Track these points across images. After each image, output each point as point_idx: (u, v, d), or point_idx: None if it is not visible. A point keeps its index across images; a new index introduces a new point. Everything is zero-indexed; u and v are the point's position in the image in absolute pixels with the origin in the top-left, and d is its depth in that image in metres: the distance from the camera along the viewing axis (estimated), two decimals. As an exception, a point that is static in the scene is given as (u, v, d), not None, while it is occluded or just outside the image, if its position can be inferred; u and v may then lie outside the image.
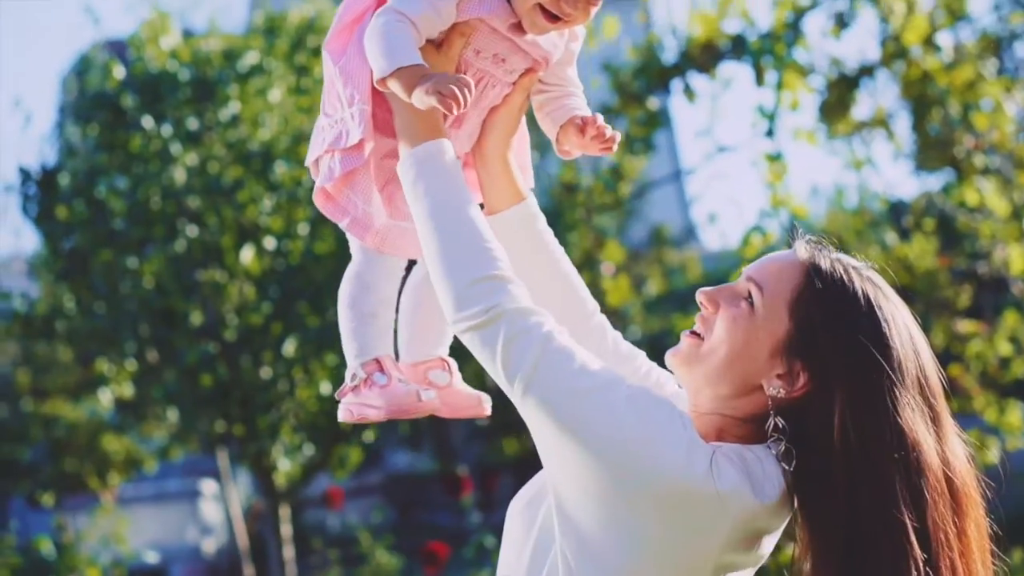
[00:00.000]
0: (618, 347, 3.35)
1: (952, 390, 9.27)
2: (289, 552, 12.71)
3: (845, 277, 2.91)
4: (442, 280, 2.92)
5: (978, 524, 2.92)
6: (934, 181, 11.56)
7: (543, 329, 2.84)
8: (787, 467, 2.84)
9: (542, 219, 3.35)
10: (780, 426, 2.87)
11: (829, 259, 2.95)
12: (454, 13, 3.12)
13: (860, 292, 2.89)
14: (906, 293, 3.07)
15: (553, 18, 3.13)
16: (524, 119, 3.40)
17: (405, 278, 3.43)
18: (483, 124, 3.31)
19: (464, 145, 3.30)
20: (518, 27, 3.18)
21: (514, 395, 2.84)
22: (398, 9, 3.07)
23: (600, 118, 3.24)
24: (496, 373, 2.86)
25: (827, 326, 2.87)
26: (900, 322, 2.89)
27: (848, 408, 2.82)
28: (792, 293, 2.92)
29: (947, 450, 2.88)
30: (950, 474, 2.86)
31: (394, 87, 2.99)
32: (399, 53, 3.00)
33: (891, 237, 10.20)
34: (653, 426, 2.77)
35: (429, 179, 3.00)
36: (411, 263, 3.38)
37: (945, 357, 9.63)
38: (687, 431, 2.81)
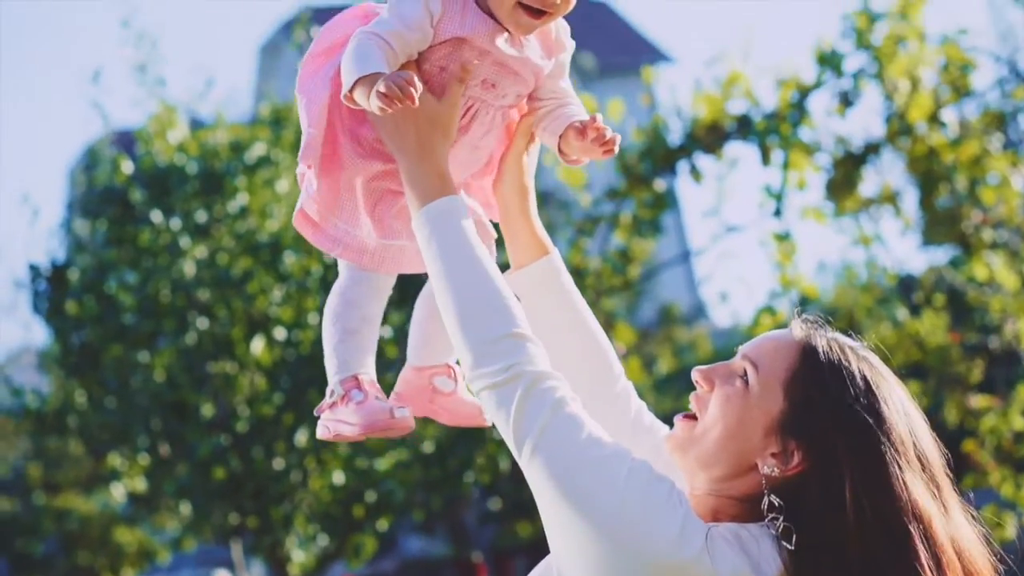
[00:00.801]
0: (641, 418, 3.33)
1: (967, 466, 9.23)
2: (305, 643, 12.65)
3: (841, 356, 2.90)
4: (461, 338, 2.91)
5: None
6: (942, 255, 11.55)
7: (556, 394, 2.82)
8: (788, 545, 2.82)
9: (566, 274, 3.33)
10: (776, 504, 2.85)
11: (825, 338, 2.94)
12: (430, 31, 3.11)
13: (856, 371, 2.88)
14: (918, 369, 3.07)
15: (536, 13, 3.11)
16: None
17: (406, 292, 3.44)
18: (495, 178, 3.32)
19: (455, 174, 3.25)
20: (503, 37, 3.16)
21: (521, 458, 2.82)
22: (368, 30, 3.08)
23: (599, 118, 3.19)
24: (507, 434, 2.84)
25: (822, 404, 2.86)
26: (896, 399, 2.88)
27: (853, 483, 2.79)
28: (787, 372, 2.91)
29: (953, 524, 2.87)
30: (959, 549, 2.85)
31: (358, 98, 2.99)
32: (360, 65, 2.99)
33: (902, 313, 10.18)
34: (650, 502, 2.75)
35: (442, 237, 2.98)
36: (417, 277, 3.36)
37: (959, 432, 9.60)
38: (683, 507, 2.79)
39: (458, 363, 3.40)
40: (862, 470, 2.80)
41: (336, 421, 3.26)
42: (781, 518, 2.84)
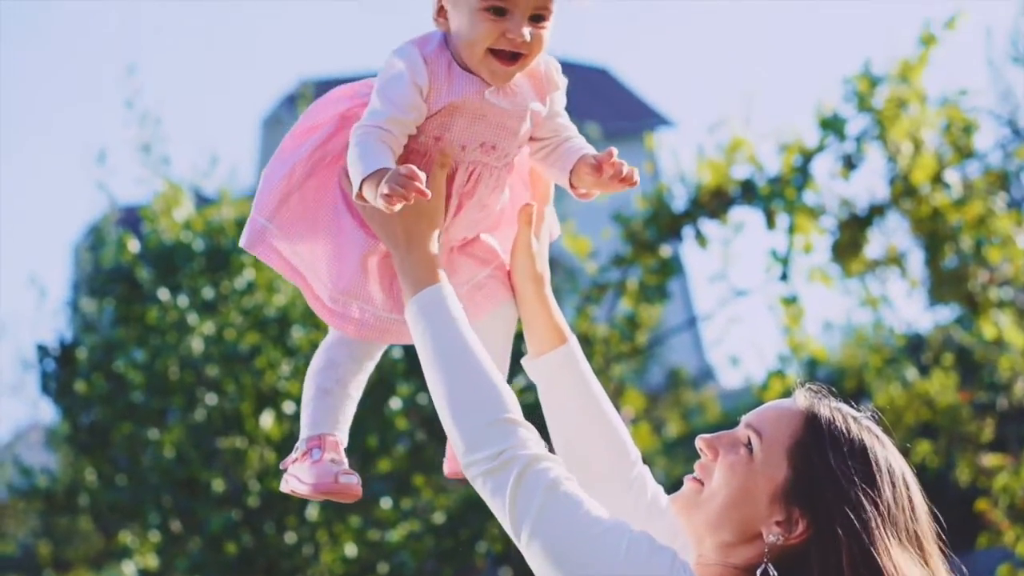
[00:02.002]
0: (657, 500, 3.35)
1: (981, 525, 9.22)
2: None
3: (844, 425, 2.94)
4: (452, 425, 2.95)
5: None
6: (949, 314, 11.57)
7: (550, 475, 2.85)
8: None
9: (585, 362, 3.35)
10: (770, 574, 2.88)
11: (828, 407, 2.99)
12: (424, 107, 3.13)
13: (858, 439, 2.92)
14: (929, 429, 3.12)
15: (509, 58, 3.12)
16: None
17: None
18: (510, 267, 3.33)
19: (464, 231, 3.30)
20: (492, 90, 3.17)
21: (520, 542, 2.84)
22: (366, 124, 3.10)
23: (615, 152, 3.18)
24: (504, 519, 2.87)
25: (824, 473, 2.89)
26: (897, 471, 2.93)
27: (850, 555, 2.82)
28: (791, 440, 2.94)
29: None
30: None
31: (367, 197, 3.01)
32: (365, 163, 3.02)
33: (911, 373, 10.20)
34: (652, 573, 2.77)
35: (433, 326, 3.02)
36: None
37: (972, 492, 9.60)
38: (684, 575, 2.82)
39: None
40: (858, 541, 2.83)
41: (294, 476, 3.29)
42: None
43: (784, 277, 9.22)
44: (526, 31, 3.09)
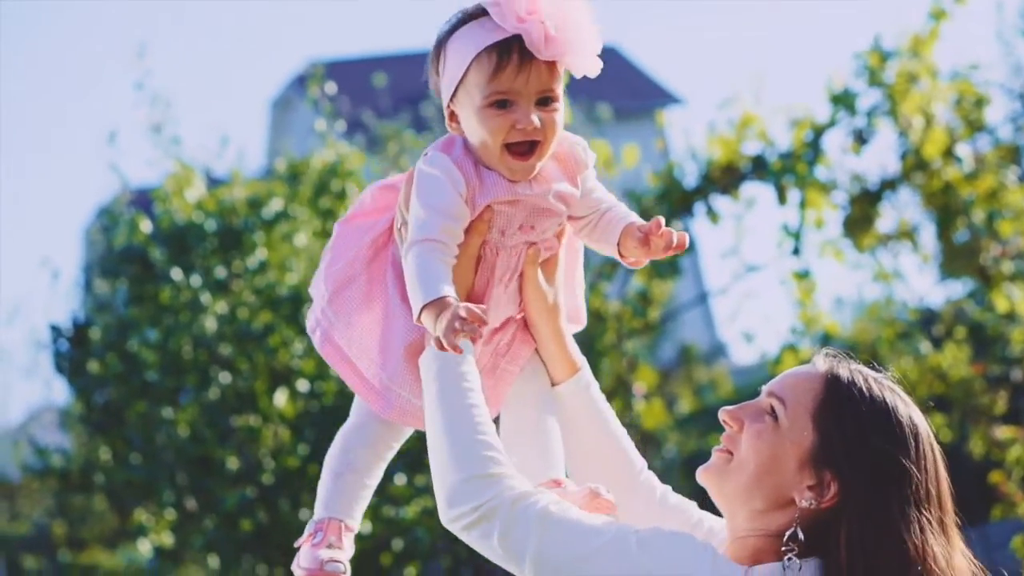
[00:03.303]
0: (667, 500, 3.37)
1: (994, 497, 9.21)
2: None
3: (865, 385, 2.96)
4: (436, 478, 2.99)
5: None
6: (961, 288, 11.57)
7: (537, 507, 2.88)
8: None
9: (595, 385, 3.39)
10: (799, 537, 2.89)
11: (848, 369, 3.01)
12: (468, 211, 3.14)
13: (880, 398, 2.94)
14: (942, 402, 3.13)
15: (525, 152, 3.13)
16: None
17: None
18: (522, 306, 3.33)
19: (510, 308, 3.31)
20: (521, 184, 3.17)
21: (526, 574, 2.88)
22: (421, 238, 3.10)
23: (662, 221, 3.19)
24: (503, 562, 2.91)
25: (851, 433, 2.91)
26: (922, 429, 2.96)
27: (875, 514, 2.85)
28: (814, 403, 2.96)
29: (952, 561, 2.92)
30: None
31: (426, 323, 3.03)
32: (423, 289, 3.04)
33: (924, 347, 10.20)
34: (670, 558, 2.81)
35: (445, 381, 3.05)
36: None
37: (985, 464, 9.60)
38: (707, 551, 2.84)
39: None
40: (888, 500, 2.86)
41: (300, 555, 3.38)
42: (797, 551, 2.88)
43: (796, 252, 9.23)
44: (535, 117, 3.09)
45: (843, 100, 9.33)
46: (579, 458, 3.36)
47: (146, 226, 11.92)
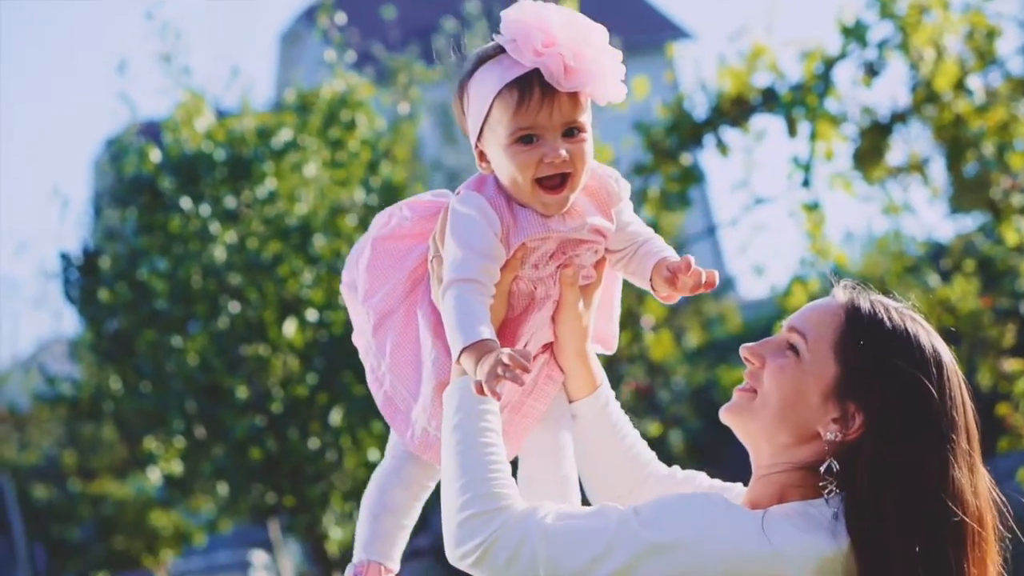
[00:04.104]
0: (674, 476, 3.35)
1: (1001, 429, 9.22)
2: (345, 621, 12.72)
3: (886, 315, 2.94)
4: (444, 514, 2.97)
5: (995, 563, 2.97)
6: (970, 223, 11.56)
7: (538, 523, 2.86)
8: (842, 512, 2.86)
9: (613, 402, 3.35)
10: (834, 469, 2.89)
11: (868, 300, 2.99)
12: (503, 250, 3.11)
13: (901, 327, 2.93)
14: (950, 335, 3.12)
15: (556, 185, 3.09)
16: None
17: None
18: (554, 324, 3.30)
19: (545, 335, 3.29)
20: (554, 219, 3.13)
21: None
22: (459, 278, 3.07)
23: (692, 261, 3.14)
24: None
25: (874, 364, 2.90)
26: (943, 356, 2.94)
27: (896, 445, 2.85)
28: (835, 335, 2.95)
29: (978, 488, 2.92)
30: (981, 513, 2.91)
31: (466, 366, 3.00)
32: (462, 332, 3.01)
33: (933, 280, 10.19)
34: (685, 522, 2.81)
35: (464, 417, 3.02)
36: None
37: (993, 396, 9.61)
38: (721, 505, 2.85)
39: None
40: (913, 428, 2.86)
41: None
42: (835, 483, 2.88)
43: (806, 184, 9.21)
44: (562, 149, 3.05)
45: (854, 32, 9.28)
46: (590, 470, 3.35)
47: (155, 155, 11.93)
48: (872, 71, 9.31)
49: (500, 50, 3.10)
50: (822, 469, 2.90)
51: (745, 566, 2.77)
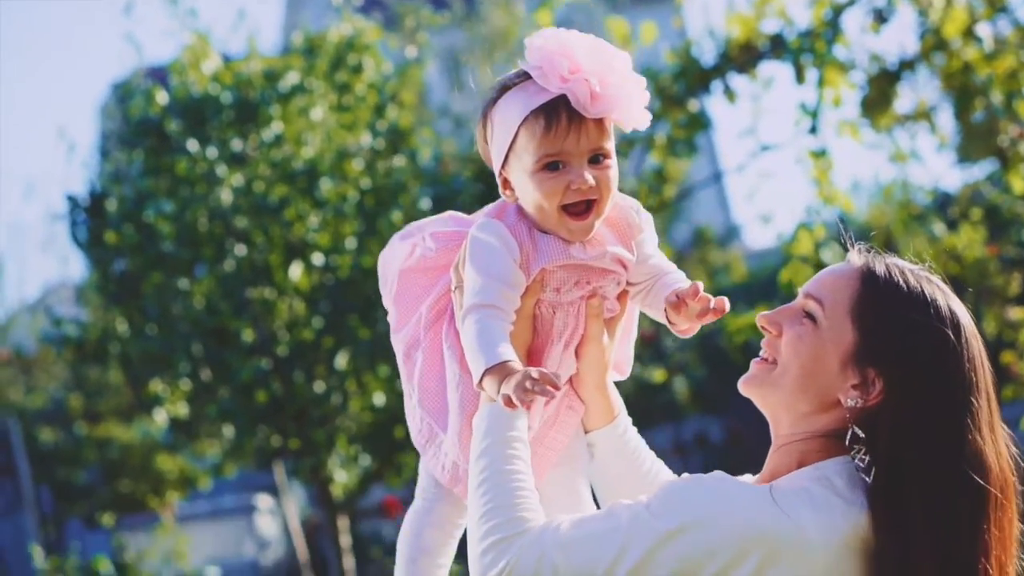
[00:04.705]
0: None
1: (1006, 377, 9.26)
2: (349, 562, 12.78)
3: (902, 279, 2.95)
4: (469, 531, 3.00)
5: (1015, 520, 2.97)
6: (978, 172, 11.54)
7: (551, 537, 2.87)
8: (866, 477, 2.86)
9: (631, 430, 3.36)
10: (860, 436, 2.90)
11: (884, 263, 3.00)
12: (523, 277, 3.13)
13: (918, 290, 2.93)
14: (956, 283, 3.10)
15: (582, 212, 3.10)
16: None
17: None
18: (576, 357, 3.30)
19: (570, 368, 3.29)
20: (575, 247, 3.14)
21: None
22: (478, 303, 3.09)
23: (700, 288, 3.15)
24: None
25: (891, 328, 2.90)
26: (961, 318, 2.94)
27: (917, 409, 2.86)
28: (852, 301, 2.96)
29: (999, 449, 2.93)
30: (1004, 475, 2.92)
31: (488, 388, 3.02)
32: (484, 354, 3.02)
33: (939, 228, 10.19)
34: (695, 502, 2.82)
35: (492, 441, 3.04)
36: None
37: (998, 344, 9.63)
38: (724, 480, 2.87)
39: None
40: (933, 391, 2.87)
41: None
42: (864, 449, 2.89)
43: (813, 130, 9.19)
44: (588, 176, 3.06)
45: (864, -22, 9.25)
46: (609, 496, 3.35)
47: (162, 98, 11.90)
48: (881, 18, 9.28)
49: (523, 77, 3.11)
50: (847, 439, 2.90)
51: (760, 538, 2.77)
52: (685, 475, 3.00)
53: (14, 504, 23.64)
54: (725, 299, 3.13)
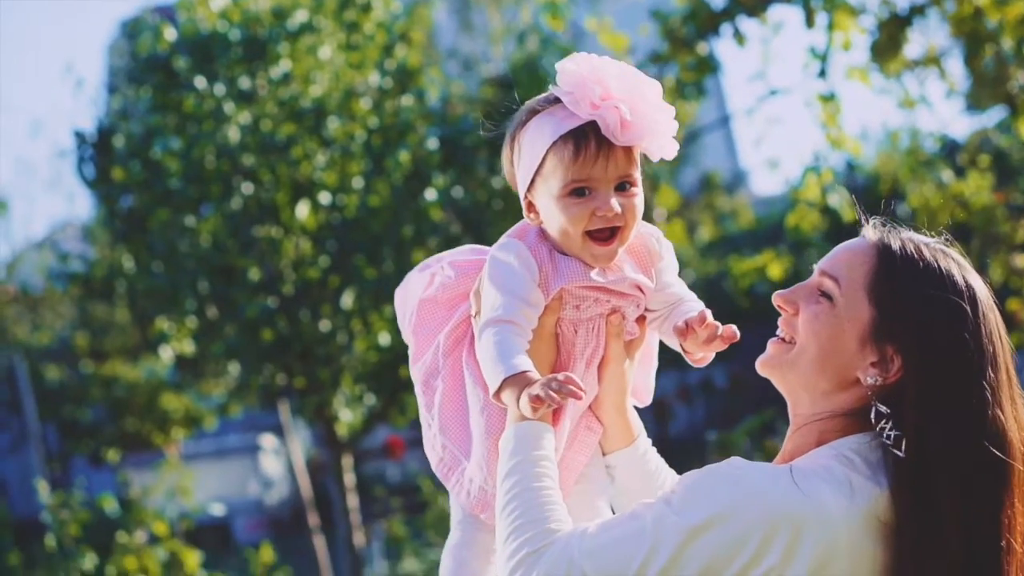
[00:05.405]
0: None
1: (1012, 324, 9.25)
2: (353, 500, 12.85)
3: (917, 253, 2.91)
4: (498, 543, 2.98)
5: None
6: (987, 119, 11.52)
7: (577, 546, 2.85)
8: (899, 453, 2.83)
9: (651, 451, 3.34)
10: (883, 412, 2.87)
11: (899, 238, 2.95)
12: (542, 296, 3.10)
13: (934, 264, 2.89)
14: (962, 230, 3.08)
15: (606, 238, 3.07)
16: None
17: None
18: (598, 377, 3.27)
19: (593, 389, 3.26)
20: (596, 271, 3.10)
21: None
22: (495, 318, 3.07)
23: (706, 315, 3.13)
24: None
25: (908, 304, 2.87)
26: (978, 291, 2.89)
27: (937, 384, 2.83)
28: (868, 277, 2.92)
29: (1021, 422, 2.90)
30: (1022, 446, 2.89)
31: (506, 399, 3.00)
32: (500, 365, 3.00)
33: (947, 175, 10.17)
34: (718, 493, 2.80)
35: (521, 459, 3.02)
36: None
37: (1004, 291, 9.64)
38: (742, 466, 2.84)
39: None
40: (952, 366, 2.83)
41: None
42: (890, 424, 2.86)
43: (822, 74, 9.17)
44: (615, 203, 3.02)
45: (876, -79, 9.22)
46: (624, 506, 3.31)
47: (170, 35, 11.88)
48: (892, -38, 9.25)
49: (552, 101, 3.08)
50: (872, 416, 2.87)
51: (784, 521, 2.75)
52: (704, 467, 2.98)
53: (20, 441, 23.77)
54: (734, 327, 3.11)
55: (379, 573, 14.22)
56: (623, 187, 3.05)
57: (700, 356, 3.19)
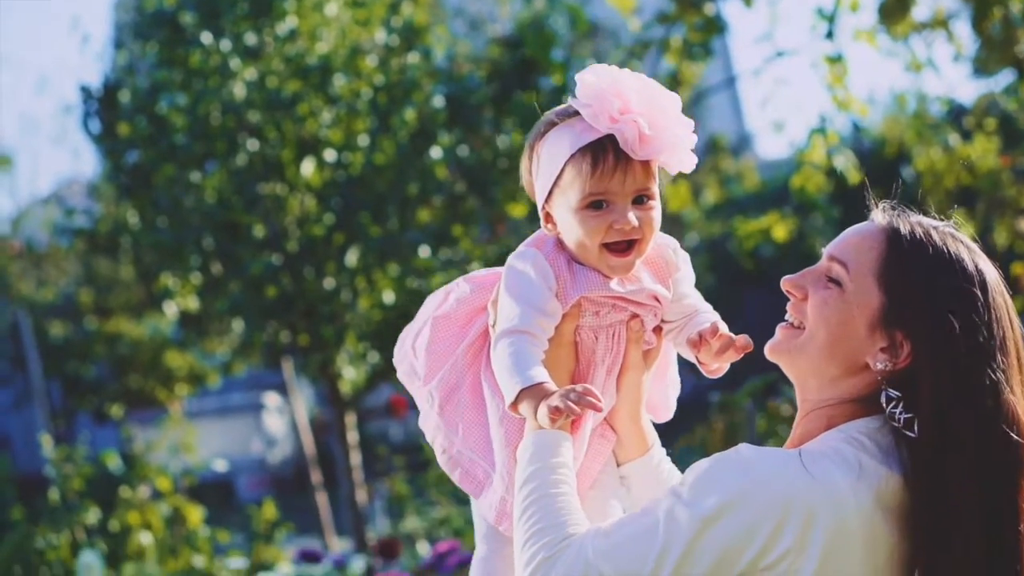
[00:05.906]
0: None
1: (1017, 289, 9.25)
2: (356, 458, 12.88)
3: (926, 238, 2.90)
4: (515, 547, 2.98)
5: None
6: (994, 83, 11.48)
7: (592, 547, 2.85)
8: (911, 433, 2.83)
9: (665, 461, 3.33)
10: (894, 397, 2.87)
11: (908, 222, 2.95)
12: (559, 306, 3.10)
13: (943, 249, 2.89)
14: (967, 193, 3.08)
15: (624, 249, 3.08)
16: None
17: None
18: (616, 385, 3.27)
19: (612, 398, 3.27)
20: (614, 281, 3.12)
21: None
22: (511, 328, 3.07)
23: (719, 326, 3.15)
24: None
25: (918, 289, 2.87)
26: (988, 275, 2.89)
27: (951, 367, 2.82)
28: (877, 262, 2.92)
29: None
30: None
31: (523, 411, 3.00)
32: (516, 376, 3.00)
33: (953, 138, 10.15)
34: (727, 481, 2.80)
35: (538, 467, 3.01)
36: None
37: (1009, 255, 9.63)
38: (749, 453, 2.84)
39: None
40: (962, 351, 2.82)
41: None
42: (901, 408, 2.86)
43: (829, 35, 9.14)
44: (632, 216, 3.04)
45: None
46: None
47: (177, -11, 11.86)
48: (901, -78, 9.21)
49: (571, 114, 3.09)
50: (883, 400, 2.88)
51: (795, 506, 2.75)
52: (712, 456, 2.97)
53: (24, 397, 23.80)
54: (747, 337, 3.12)
55: (381, 531, 14.25)
56: (640, 200, 3.07)
57: (715, 367, 3.21)
